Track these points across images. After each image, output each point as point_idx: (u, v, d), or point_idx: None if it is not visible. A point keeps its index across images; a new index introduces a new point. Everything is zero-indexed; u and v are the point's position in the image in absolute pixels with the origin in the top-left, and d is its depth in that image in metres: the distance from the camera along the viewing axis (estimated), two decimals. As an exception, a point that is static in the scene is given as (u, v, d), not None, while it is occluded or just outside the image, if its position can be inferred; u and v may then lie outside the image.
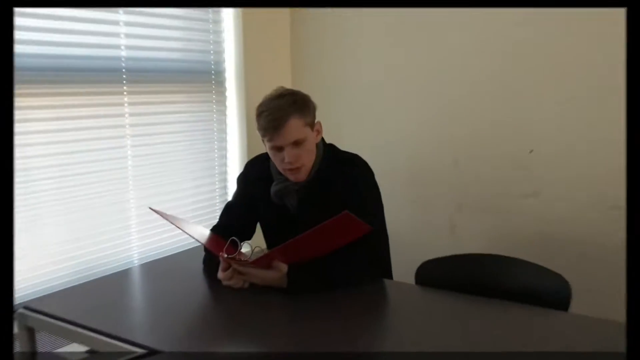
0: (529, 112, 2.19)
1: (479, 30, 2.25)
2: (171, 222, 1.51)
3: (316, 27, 2.67)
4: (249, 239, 1.71)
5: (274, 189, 1.61)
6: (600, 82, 2.03)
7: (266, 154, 1.65)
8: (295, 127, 1.51)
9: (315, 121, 1.60)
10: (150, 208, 1.58)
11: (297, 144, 1.52)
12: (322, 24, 2.65)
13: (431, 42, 2.37)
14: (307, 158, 1.57)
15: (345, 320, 1.28)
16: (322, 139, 1.67)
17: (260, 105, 1.55)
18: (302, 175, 1.58)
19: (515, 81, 2.20)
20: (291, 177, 1.58)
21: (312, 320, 1.29)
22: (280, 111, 1.50)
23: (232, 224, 1.67)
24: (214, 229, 1.69)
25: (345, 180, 1.57)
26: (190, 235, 1.50)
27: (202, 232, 1.62)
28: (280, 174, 1.62)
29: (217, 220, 1.75)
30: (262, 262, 1.41)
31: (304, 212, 1.59)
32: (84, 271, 1.98)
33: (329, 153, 1.64)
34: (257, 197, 1.68)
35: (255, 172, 1.70)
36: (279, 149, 1.54)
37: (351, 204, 1.40)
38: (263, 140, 1.59)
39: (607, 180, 2.04)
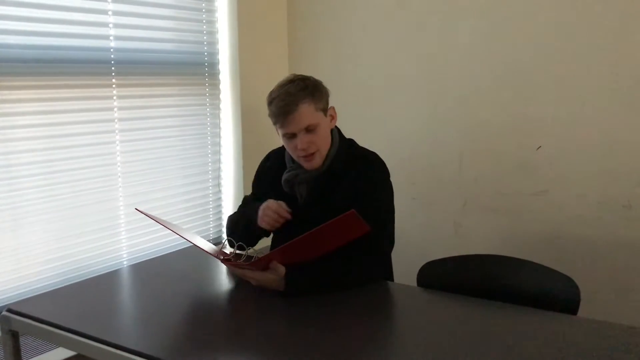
0: (536, 107, 2.15)
1: (485, 25, 2.21)
2: (160, 223, 1.46)
3: (315, 16, 2.62)
4: (267, 235, 1.66)
5: (284, 176, 1.60)
6: (610, 79, 2.00)
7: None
8: (306, 112, 1.49)
9: (329, 106, 1.58)
10: (136, 209, 1.54)
11: (309, 129, 1.50)
12: (322, 13, 2.60)
13: (437, 37, 2.33)
14: (322, 143, 1.54)
15: (344, 324, 1.26)
16: (341, 133, 1.64)
17: (271, 93, 1.54)
18: (317, 162, 1.55)
19: (522, 77, 2.16)
20: (306, 165, 1.55)
21: (310, 324, 1.26)
22: (290, 96, 1.49)
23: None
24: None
25: (359, 177, 1.54)
26: (180, 235, 1.46)
27: (192, 234, 1.58)
28: (293, 161, 1.60)
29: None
30: (260, 263, 1.37)
31: (312, 203, 1.56)
32: (70, 272, 1.95)
33: (347, 147, 1.61)
34: (270, 187, 1.65)
35: (272, 162, 1.69)
36: (291, 136, 1.52)
37: (362, 202, 1.36)
38: (276, 130, 1.57)
39: (620, 177, 2.01)
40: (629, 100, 1.97)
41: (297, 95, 1.48)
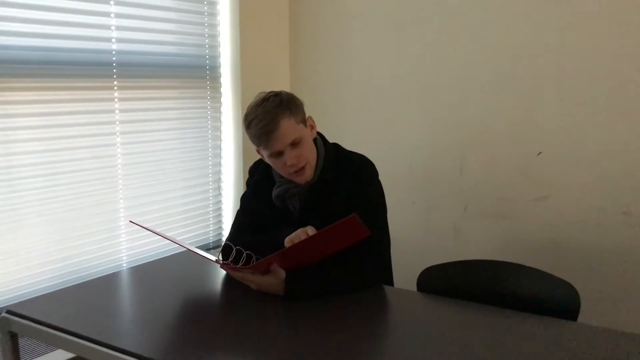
0: (537, 113, 2.15)
1: (486, 30, 2.22)
2: (155, 233, 1.47)
3: (316, 19, 2.63)
4: None
5: (275, 192, 1.57)
6: (611, 83, 2.00)
7: None
8: (288, 127, 1.46)
9: (307, 117, 1.55)
10: (131, 221, 1.55)
11: (295, 144, 1.48)
12: (323, 16, 2.60)
13: (438, 42, 2.33)
14: (310, 155, 1.52)
15: (343, 329, 1.25)
16: (325, 138, 1.62)
17: (247, 116, 1.50)
18: (308, 175, 1.53)
19: (523, 82, 2.17)
20: (298, 179, 1.53)
21: (309, 329, 1.26)
22: (268, 115, 1.45)
23: (251, 227, 1.61)
24: (235, 235, 1.62)
25: (350, 183, 1.53)
26: (177, 242, 1.46)
27: (188, 245, 1.58)
28: (281, 176, 1.57)
29: (233, 225, 1.68)
30: (260, 267, 1.37)
31: (306, 215, 1.54)
32: (70, 274, 1.95)
33: (333, 153, 1.59)
34: (261, 204, 1.63)
35: (258, 177, 1.66)
36: (278, 154, 1.49)
37: (355, 207, 1.35)
38: (258, 151, 1.55)
39: (620, 184, 2.01)
40: (629, 106, 1.97)
41: (275, 112, 1.44)
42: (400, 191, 2.44)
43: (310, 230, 1.37)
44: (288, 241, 1.40)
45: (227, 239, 1.62)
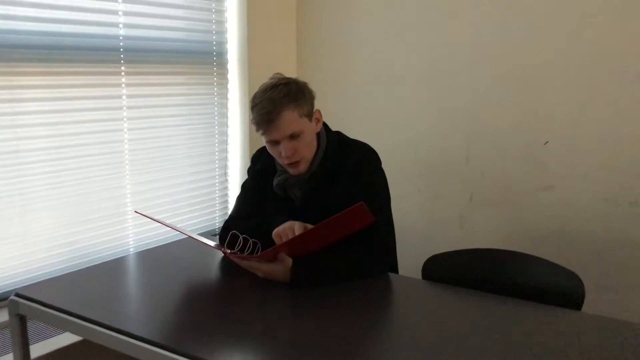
0: (544, 102, 2.13)
1: (493, 20, 2.20)
2: (160, 223, 1.47)
3: (324, 5, 2.60)
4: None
5: (275, 181, 1.57)
6: (618, 75, 1.98)
7: None
8: (289, 119, 1.45)
9: (314, 110, 1.53)
10: (136, 212, 1.55)
11: (293, 137, 1.47)
12: (331, 2, 2.58)
13: (444, 33, 2.32)
14: (306, 150, 1.51)
15: (348, 316, 1.26)
16: (328, 126, 1.61)
17: (254, 98, 1.49)
18: (302, 168, 1.52)
19: (530, 70, 2.15)
20: (291, 171, 1.53)
21: (314, 315, 1.27)
22: (272, 103, 1.43)
23: (249, 215, 1.62)
24: (232, 220, 1.63)
25: (352, 171, 1.53)
26: (183, 232, 1.47)
27: (196, 235, 1.59)
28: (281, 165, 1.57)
29: (232, 211, 1.70)
30: (268, 255, 1.37)
31: (308, 204, 1.54)
32: (77, 258, 1.96)
33: (335, 141, 1.58)
34: (263, 191, 1.63)
35: (261, 165, 1.66)
36: (275, 142, 1.48)
37: (358, 195, 1.35)
38: (260, 134, 1.54)
39: (627, 174, 1.99)
40: (636, 95, 1.95)
41: (280, 102, 1.43)
42: (406, 180, 2.44)
43: (298, 227, 1.37)
44: (276, 235, 1.40)
45: (223, 225, 1.62)
